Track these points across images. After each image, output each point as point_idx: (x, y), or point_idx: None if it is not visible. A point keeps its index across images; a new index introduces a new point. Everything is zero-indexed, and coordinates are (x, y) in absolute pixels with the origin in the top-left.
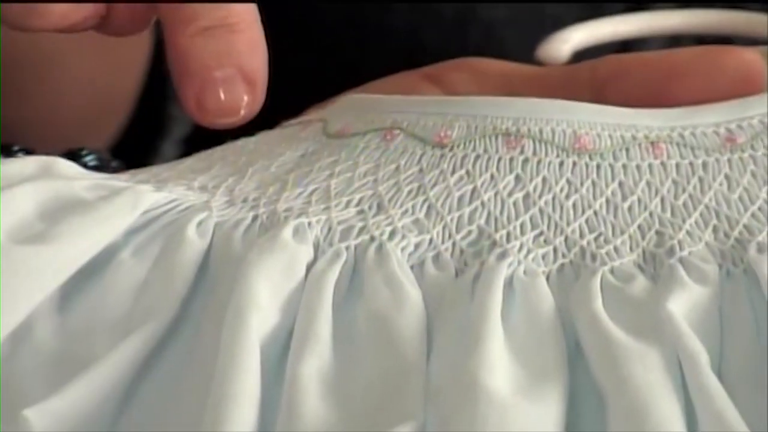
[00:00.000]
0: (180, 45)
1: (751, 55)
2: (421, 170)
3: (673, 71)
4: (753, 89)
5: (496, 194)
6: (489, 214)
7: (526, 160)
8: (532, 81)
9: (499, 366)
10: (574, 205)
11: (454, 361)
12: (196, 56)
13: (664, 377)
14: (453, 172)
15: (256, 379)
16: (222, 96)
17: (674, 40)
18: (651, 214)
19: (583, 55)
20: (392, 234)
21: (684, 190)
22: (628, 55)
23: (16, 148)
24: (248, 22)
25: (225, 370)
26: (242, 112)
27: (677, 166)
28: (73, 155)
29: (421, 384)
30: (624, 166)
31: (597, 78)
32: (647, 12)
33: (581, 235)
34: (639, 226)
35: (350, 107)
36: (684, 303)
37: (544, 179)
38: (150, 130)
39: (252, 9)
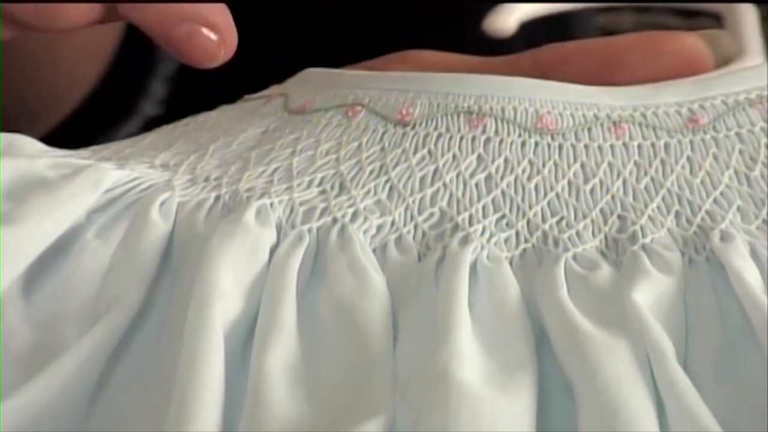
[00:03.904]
0: (136, 17)
1: (692, 40)
2: (383, 149)
3: (614, 58)
4: (695, 74)
5: (458, 175)
6: (451, 195)
7: (488, 140)
8: (474, 71)
9: (468, 357)
10: (536, 187)
11: (422, 352)
12: (152, 22)
13: (634, 369)
14: (415, 152)
15: (221, 371)
16: (191, 47)
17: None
18: (613, 198)
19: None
20: (354, 216)
21: (646, 173)
22: (569, 43)
23: None
24: None
25: (189, 361)
26: (218, 53)
27: (639, 147)
28: None
29: (389, 375)
30: (586, 147)
31: (538, 66)
32: None
33: (543, 219)
34: (601, 210)
35: (311, 82)
36: (649, 293)
37: (506, 160)
38: (137, 69)
39: None
